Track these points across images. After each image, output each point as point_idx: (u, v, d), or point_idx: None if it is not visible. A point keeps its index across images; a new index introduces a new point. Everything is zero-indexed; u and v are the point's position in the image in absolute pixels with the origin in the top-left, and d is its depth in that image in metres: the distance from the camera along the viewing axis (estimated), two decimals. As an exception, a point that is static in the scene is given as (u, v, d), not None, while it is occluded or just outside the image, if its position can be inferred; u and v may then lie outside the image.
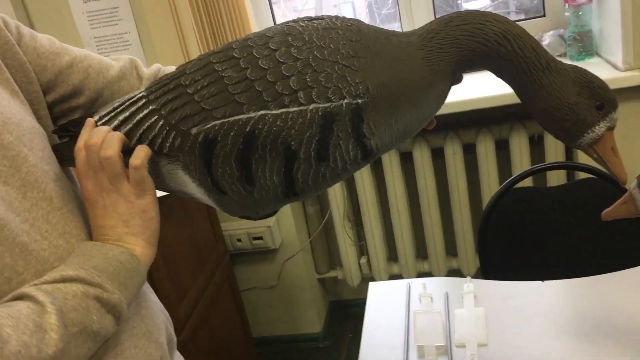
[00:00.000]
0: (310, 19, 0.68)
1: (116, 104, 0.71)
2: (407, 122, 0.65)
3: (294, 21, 0.67)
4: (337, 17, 0.67)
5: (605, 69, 1.70)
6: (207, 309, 1.79)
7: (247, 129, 0.61)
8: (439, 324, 1.05)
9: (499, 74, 0.67)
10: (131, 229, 0.66)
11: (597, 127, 0.66)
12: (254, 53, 0.63)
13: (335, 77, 0.61)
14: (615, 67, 1.69)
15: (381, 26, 0.69)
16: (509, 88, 0.68)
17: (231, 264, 2.07)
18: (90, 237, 0.68)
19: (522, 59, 0.63)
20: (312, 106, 0.60)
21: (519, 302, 1.09)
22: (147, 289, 0.79)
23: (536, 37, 1.93)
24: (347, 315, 2.40)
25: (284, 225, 2.14)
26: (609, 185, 1.34)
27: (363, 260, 2.19)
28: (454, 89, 0.72)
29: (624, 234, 1.39)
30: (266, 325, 2.32)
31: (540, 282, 1.12)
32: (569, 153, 1.88)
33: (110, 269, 0.62)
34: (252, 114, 0.61)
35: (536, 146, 1.93)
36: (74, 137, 0.70)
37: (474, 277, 1.17)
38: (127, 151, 0.67)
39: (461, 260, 2.08)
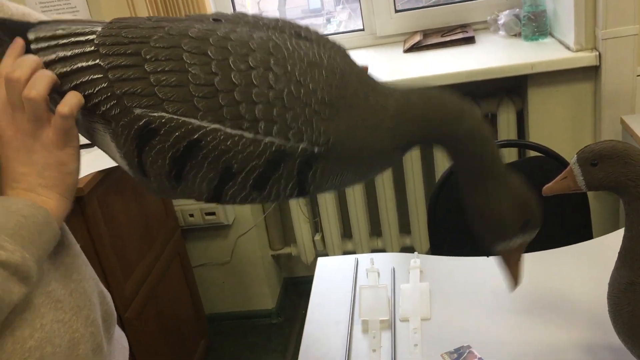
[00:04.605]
0: (298, 35, 0.65)
1: (59, 32, 0.63)
2: (349, 179, 0.66)
3: (280, 32, 0.64)
4: (325, 45, 0.65)
5: (558, 50, 1.72)
6: (156, 286, 1.76)
7: (195, 137, 0.58)
8: (384, 299, 1.04)
9: (453, 160, 0.68)
10: (45, 180, 0.61)
11: (512, 241, 0.69)
12: (229, 61, 0.59)
13: (302, 120, 0.59)
14: (568, 47, 1.70)
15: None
16: (463, 66, 0.67)
17: (183, 239, 2.03)
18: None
19: (480, 161, 0.65)
20: (267, 139, 0.58)
21: (463, 278, 1.09)
22: (83, 261, 0.74)
23: (492, 16, 1.94)
24: (301, 291, 2.40)
25: (238, 201, 2.12)
26: (556, 163, 1.37)
27: (317, 237, 2.18)
28: (415, 65, 0.71)
29: (569, 211, 1.41)
30: (218, 302, 2.29)
31: (485, 257, 1.13)
32: (520, 132, 1.90)
33: (10, 225, 0.56)
34: (205, 124, 0.58)
35: (489, 124, 1.94)
36: None
37: (426, 254, 1.17)
38: (56, 92, 0.60)
39: (414, 237, 2.09)
